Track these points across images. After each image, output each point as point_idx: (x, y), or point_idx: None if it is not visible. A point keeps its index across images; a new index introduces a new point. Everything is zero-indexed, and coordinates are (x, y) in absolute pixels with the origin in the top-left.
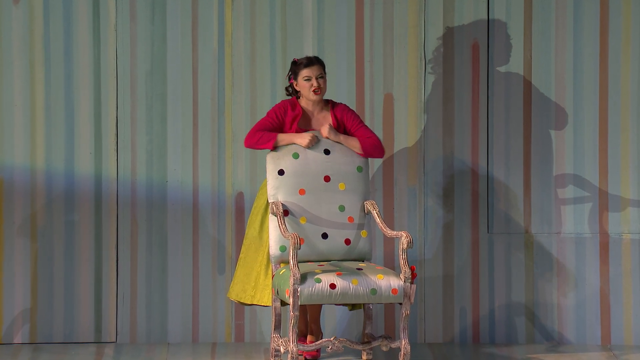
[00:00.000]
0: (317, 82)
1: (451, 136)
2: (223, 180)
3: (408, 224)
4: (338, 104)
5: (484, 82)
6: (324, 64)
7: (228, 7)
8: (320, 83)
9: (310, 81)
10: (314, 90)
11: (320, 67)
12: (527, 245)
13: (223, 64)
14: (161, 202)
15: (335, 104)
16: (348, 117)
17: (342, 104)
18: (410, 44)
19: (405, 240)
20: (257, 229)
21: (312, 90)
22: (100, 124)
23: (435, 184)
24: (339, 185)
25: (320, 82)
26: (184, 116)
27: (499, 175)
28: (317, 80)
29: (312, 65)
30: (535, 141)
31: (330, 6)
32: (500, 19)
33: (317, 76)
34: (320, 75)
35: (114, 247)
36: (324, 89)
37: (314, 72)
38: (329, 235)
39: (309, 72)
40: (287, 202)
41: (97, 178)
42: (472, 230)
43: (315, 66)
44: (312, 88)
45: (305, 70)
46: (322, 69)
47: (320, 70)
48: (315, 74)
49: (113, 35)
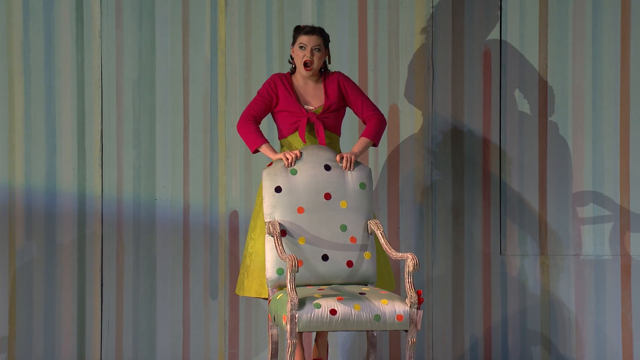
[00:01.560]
0: (310, 54)
1: (461, 150)
2: (216, 198)
3: (414, 245)
4: (331, 74)
5: (496, 92)
6: (327, 39)
7: (221, 11)
8: (315, 56)
9: (304, 50)
10: (304, 62)
11: (319, 39)
12: (543, 268)
13: (216, 73)
14: (149, 222)
15: (328, 74)
16: (347, 85)
17: (336, 73)
18: (417, 51)
19: (412, 263)
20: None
21: (302, 62)
22: (83, 138)
23: (443, 202)
24: (340, 203)
25: (315, 55)
26: (174, 129)
27: (512, 192)
28: (312, 52)
29: (311, 33)
30: (551, 156)
31: (331, 10)
32: (514, 25)
33: (314, 47)
34: (317, 47)
35: (99, 271)
36: (316, 64)
37: (310, 42)
38: (330, 257)
39: (306, 40)
40: (285, 222)
41: (80, 196)
42: (483, 251)
43: (315, 36)
44: (304, 59)
45: (303, 36)
46: (321, 42)
47: (318, 42)
48: (312, 45)
49: (98, 42)
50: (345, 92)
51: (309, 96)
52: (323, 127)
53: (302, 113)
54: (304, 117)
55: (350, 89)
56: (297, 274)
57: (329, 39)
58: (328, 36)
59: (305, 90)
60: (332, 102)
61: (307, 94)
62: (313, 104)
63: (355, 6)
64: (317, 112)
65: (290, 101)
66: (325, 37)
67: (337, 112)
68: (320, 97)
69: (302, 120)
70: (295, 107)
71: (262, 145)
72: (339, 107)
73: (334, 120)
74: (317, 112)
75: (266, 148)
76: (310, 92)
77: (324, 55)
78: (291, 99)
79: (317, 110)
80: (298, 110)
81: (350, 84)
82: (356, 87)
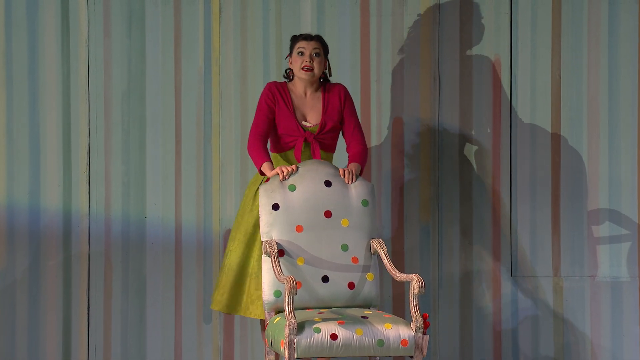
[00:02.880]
0: (309, 58)
1: (469, 166)
2: (209, 215)
3: (420, 265)
4: (334, 85)
5: (506, 104)
6: (325, 45)
7: (215, 19)
8: (314, 61)
9: (303, 56)
10: (303, 66)
11: (318, 44)
12: (557, 291)
13: (210, 84)
14: (139, 241)
15: (330, 86)
16: (347, 102)
17: (339, 85)
18: (422, 60)
19: (417, 285)
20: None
21: (302, 67)
22: (69, 152)
23: (451, 220)
24: (341, 221)
25: (315, 60)
26: (166, 143)
27: (524, 210)
28: (311, 56)
29: (309, 39)
30: (565, 171)
31: (331, 18)
32: (525, 33)
33: (313, 52)
34: (316, 52)
35: (85, 293)
36: (317, 69)
37: (309, 47)
38: (330, 278)
39: (305, 45)
40: (283, 241)
41: (65, 214)
42: (493, 273)
43: (313, 42)
44: (303, 64)
45: (301, 42)
46: (320, 47)
47: (318, 46)
48: (311, 49)
49: (84, 52)
50: (343, 109)
51: (307, 108)
52: (319, 147)
53: (300, 132)
54: (301, 136)
55: (348, 107)
56: (295, 296)
57: (328, 49)
58: (327, 45)
59: (303, 102)
60: (330, 119)
61: (306, 105)
62: (311, 120)
63: (357, 13)
64: (314, 132)
65: (287, 116)
66: (324, 45)
67: (333, 131)
68: (319, 109)
69: (299, 140)
70: (293, 123)
71: (263, 164)
72: (336, 126)
73: (330, 141)
74: (314, 131)
75: (265, 166)
76: (308, 104)
77: (324, 63)
78: (288, 113)
79: (314, 129)
80: (295, 128)
81: (350, 102)
82: (354, 109)
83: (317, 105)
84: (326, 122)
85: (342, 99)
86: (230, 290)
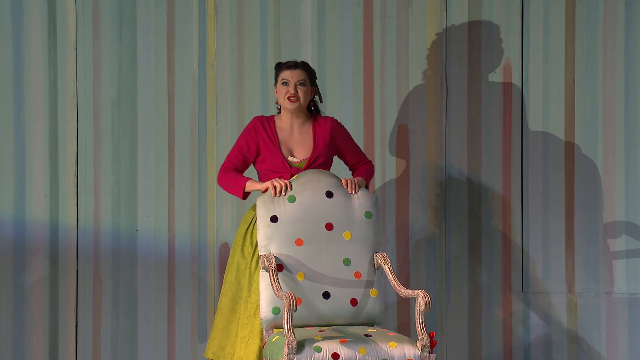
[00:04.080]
0: (294, 89)
1: (478, 175)
2: (204, 228)
3: (426, 281)
4: (324, 119)
5: (517, 110)
6: (311, 73)
7: (211, 20)
8: (299, 91)
9: (287, 86)
10: (288, 97)
11: (303, 73)
12: (571, 308)
13: (205, 90)
14: (130, 255)
15: (320, 119)
16: (340, 134)
17: (330, 118)
18: (429, 64)
19: (423, 301)
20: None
21: (286, 97)
22: (56, 162)
23: (459, 232)
24: (343, 234)
25: (300, 90)
26: (158, 152)
27: (536, 222)
28: (296, 87)
29: (294, 68)
30: (579, 182)
31: (332, 20)
32: (537, 35)
33: (298, 82)
34: (301, 82)
35: (73, 310)
36: (302, 99)
37: (294, 77)
38: (332, 294)
39: (289, 76)
40: (282, 255)
41: (52, 226)
42: (503, 288)
43: (298, 70)
44: (287, 95)
45: (285, 72)
46: (306, 76)
47: (302, 76)
48: (296, 80)
49: (72, 55)
50: (338, 142)
51: (294, 143)
52: None
53: (285, 168)
54: (287, 172)
55: (344, 139)
56: (295, 313)
57: (316, 75)
58: (314, 72)
59: (290, 136)
60: (320, 154)
61: (293, 140)
62: (298, 155)
63: (360, 15)
64: (300, 167)
65: (272, 151)
66: (311, 72)
67: (323, 166)
68: (308, 144)
69: (285, 177)
70: (278, 159)
71: (246, 183)
72: (327, 161)
73: None
74: (300, 167)
75: (251, 184)
76: (296, 138)
77: (311, 92)
78: (274, 148)
79: (301, 165)
80: (281, 164)
81: (344, 134)
82: (350, 136)
83: (305, 139)
84: (317, 157)
85: (335, 133)
86: (221, 335)
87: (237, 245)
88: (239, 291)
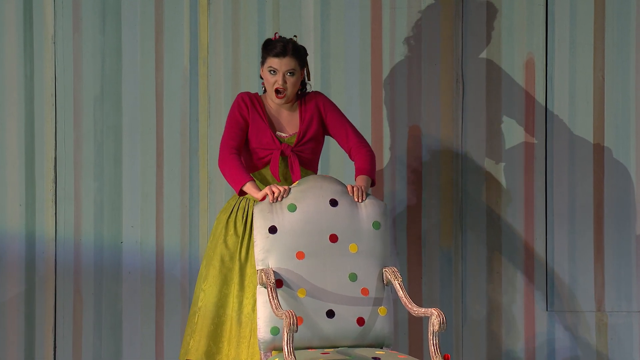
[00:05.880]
0: (282, 80)
1: (498, 182)
2: (196, 240)
3: (441, 298)
4: (310, 95)
5: (541, 111)
6: (301, 55)
7: (203, 11)
8: (288, 82)
9: (275, 76)
10: (276, 89)
11: (293, 61)
12: (600, 327)
13: (197, 88)
14: (114, 270)
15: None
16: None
17: (314, 92)
18: (443, 60)
19: (437, 320)
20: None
21: (274, 89)
22: (33, 167)
23: (476, 245)
24: (349, 246)
25: (289, 80)
26: (145, 156)
27: (561, 234)
28: (284, 77)
29: (282, 55)
30: (609, 190)
31: (337, 11)
32: (563, 28)
33: (287, 72)
34: (290, 71)
35: (51, 331)
36: (291, 90)
37: (282, 66)
38: (336, 313)
39: (277, 65)
40: (281, 270)
41: (28, 238)
42: (526, 306)
43: (287, 58)
44: (275, 86)
45: (273, 59)
46: (296, 64)
47: (292, 64)
48: (285, 69)
49: (51, 49)
50: (325, 117)
51: (283, 121)
52: (299, 162)
53: (275, 144)
54: (277, 149)
55: (330, 112)
56: (296, 333)
57: (306, 55)
58: (305, 53)
59: (278, 116)
60: (307, 128)
61: (281, 120)
62: (287, 131)
63: (368, 5)
64: (290, 143)
65: (261, 127)
66: (301, 56)
67: (314, 142)
68: (296, 123)
69: (275, 153)
70: (267, 135)
71: (246, 184)
72: (317, 136)
73: (311, 154)
74: (290, 142)
75: (250, 186)
76: (284, 119)
77: (300, 78)
78: (263, 124)
79: (291, 140)
80: (270, 140)
81: (330, 107)
82: (338, 111)
83: (293, 119)
84: (305, 131)
85: (321, 106)
86: (209, 335)
87: (218, 237)
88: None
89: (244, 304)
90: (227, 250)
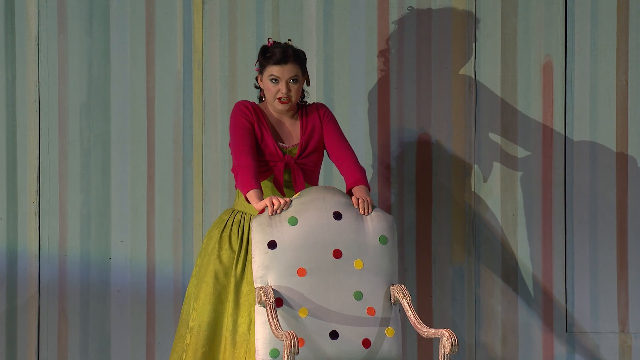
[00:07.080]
0: (286, 88)
1: (514, 193)
2: (190, 256)
3: (452, 318)
4: (312, 106)
5: (560, 117)
6: (302, 60)
7: (197, 11)
8: (292, 89)
9: (278, 85)
10: (279, 97)
11: (295, 67)
12: (624, 350)
13: (190, 93)
14: (102, 288)
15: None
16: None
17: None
18: (454, 63)
19: (448, 342)
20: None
21: (277, 98)
22: (15, 178)
23: (491, 261)
24: (354, 262)
25: (292, 88)
26: (135, 166)
27: (582, 250)
28: (288, 85)
29: (285, 62)
30: (633, 201)
31: (341, 10)
32: (583, 28)
33: (290, 79)
34: (293, 77)
35: (34, 353)
36: (295, 97)
37: (285, 73)
38: (340, 334)
39: (279, 72)
40: (281, 287)
41: (10, 253)
42: (543, 328)
43: (289, 65)
44: (278, 95)
45: (273, 67)
46: (298, 69)
47: (295, 71)
48: (287, 76)
49: (34, 52)
50: (322, 126)
51: (284, 131)
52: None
53: (279, 155)
54: (281, 160)
55: (328, 122)
56: (297, 356)
57: (305, 57)
58: (305, 57)
59: (279, 126)
60: (309, 139)
61: (282, 130)
62: (288, 142)
63: (374, 5)
64: (293, 155)
65: (264, 137)
66: (302, 61)
67: (316, 154)
68: (296, 134)
69: (279, 165)
70: (270, 145)
71: (250, 191)
72: (319, 148)
73: (313, 167)
74: (292, 153)
75: (253, 194)
76: (285, 129)
77: (303, 83)
78: (266, 133)
79: (292, 152)
80: (273, 151)
81: (329, 117)
82: (337, 123)
83: (295, 129)
84: (307, 142)
85: (322, 115)
86: (203, 357)
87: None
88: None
89: (239, 324)
90: (222, 265)
